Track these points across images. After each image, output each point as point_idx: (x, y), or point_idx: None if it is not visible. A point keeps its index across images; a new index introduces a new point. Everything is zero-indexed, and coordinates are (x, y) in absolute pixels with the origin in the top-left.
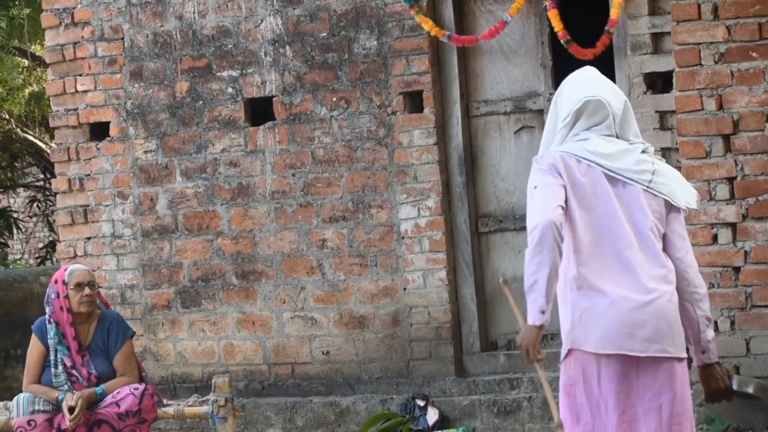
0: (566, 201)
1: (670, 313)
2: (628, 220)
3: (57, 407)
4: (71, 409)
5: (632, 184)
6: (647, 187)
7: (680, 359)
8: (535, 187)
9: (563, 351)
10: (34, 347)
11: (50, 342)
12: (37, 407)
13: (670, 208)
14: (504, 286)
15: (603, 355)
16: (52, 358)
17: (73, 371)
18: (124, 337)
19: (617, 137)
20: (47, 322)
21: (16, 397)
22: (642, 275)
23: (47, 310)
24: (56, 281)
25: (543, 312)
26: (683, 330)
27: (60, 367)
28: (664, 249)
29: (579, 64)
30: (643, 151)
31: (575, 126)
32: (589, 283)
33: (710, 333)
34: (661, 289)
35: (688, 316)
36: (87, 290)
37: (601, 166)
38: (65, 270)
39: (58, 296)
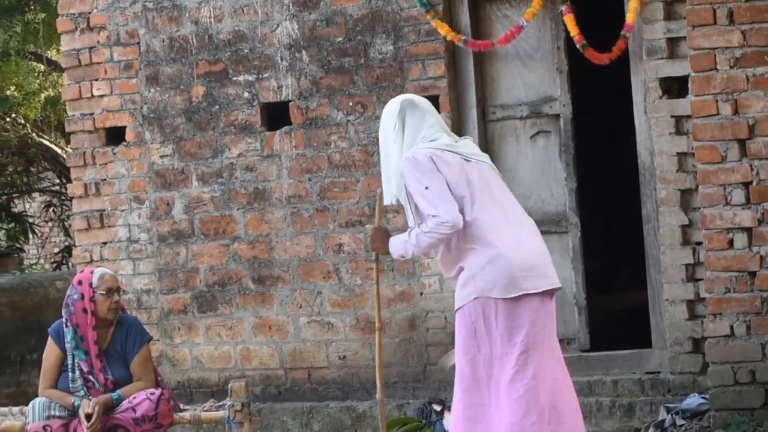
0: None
1: (547, 254)
2: (494, 190)
3: (73, 413)
4: (88, 417)
5: (484, 163)
6: (492, 165)
7: (556, 291)
8: (427, 187)
9: (464, 300)
10: (51, 351)
11: (67, 346)
12: (52, 413)
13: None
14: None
15: (502, 298)
16: (69, 362)
17: (90, 376)
18: (141, 341)
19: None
20: (64, 325)
21: (31, 402)
22: (521, 229)
23: (65, 312)
24: (80, 282)
25: (402, 257)
26: None
27: (77, 372)
28: None
29: (595, 68)
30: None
31: (410, 129)
32: (484, 242)
33: None
34: (537, 237)
35: None
36: (116, 297)
37: (459, 153)
38: (91, 272)
39: (82, 298)
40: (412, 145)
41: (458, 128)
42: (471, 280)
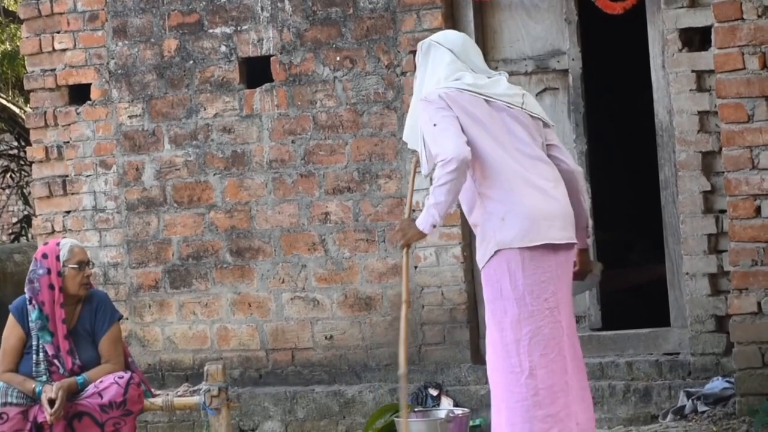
0: (462, 130)
1: (568, 207)
2: (518, 136)
3: (33, 399)
4: (51, 402)
5: (510, 107)
6: (522, 107)
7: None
8: (435, 124)
9: (487, 255)
10: (12, 331)
11: (31, 326)
12: (9, 399)
13: (544, 124)
14: (413, 165)
15: (526, 248)
16: (34, 344)
17: (55, 360)
18: (111, 320)
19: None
20: (28, 303)
21: None
22: (540, 179)
23: (29, 289)
24: (45, 256)
25: (434, 226)
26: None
27: (41, 355)
28: (549, 156)
29: (607, 18)
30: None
31: (429, 70)
32: (503, 192)
33: (590, 222)
34: (559, 188)
35: (579, 206)
36: (88, 270)
37: (482, 94)
38: (57, 244)
39: (48, 273)
40: (428, 86)
41: None
42: (491, 233)
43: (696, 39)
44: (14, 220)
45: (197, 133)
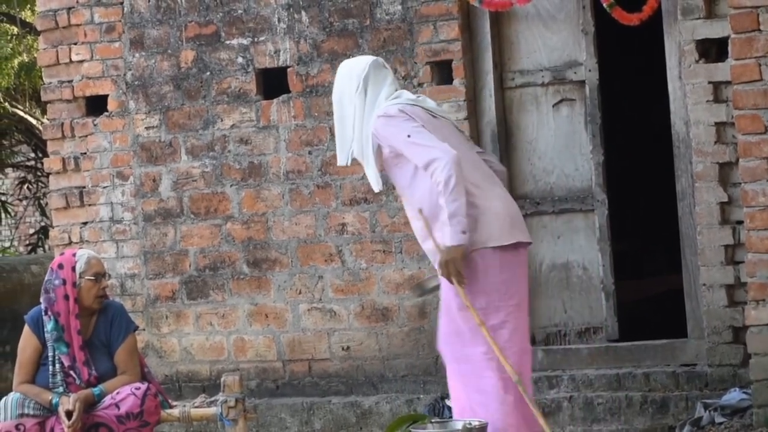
0: None
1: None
2: (463, 143)
3: (49, 410)
4: (69, 414)
5: (446, 118)
6: (453, 121)
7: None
8: (409, 135)
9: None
10: (28, 342)
11: (47, 336)
12: (26, 410)
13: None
14: (420, 214)
15: (499, 248)
16: (49, 355)
17: (71, 372)
18: (127, 331)
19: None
20: (44, 314)
21: (3, 399)
22: (495, 184)
23: (45, 300)
24: (61, 266)
25: (465, 232)
26: None
27: (57, 366)
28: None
29: (623, 29)
30: None
31: (372, 90)
32: (472, 195)
33: None
34: (505, 189)
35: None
36: (104, 282)
37: (424, 108)
38: (73, 255)
39: (63, 284)
40: (374, 104)
41: (473, 96)
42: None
43: (713, 50)
44: (31, 231)
45: (214, 145)
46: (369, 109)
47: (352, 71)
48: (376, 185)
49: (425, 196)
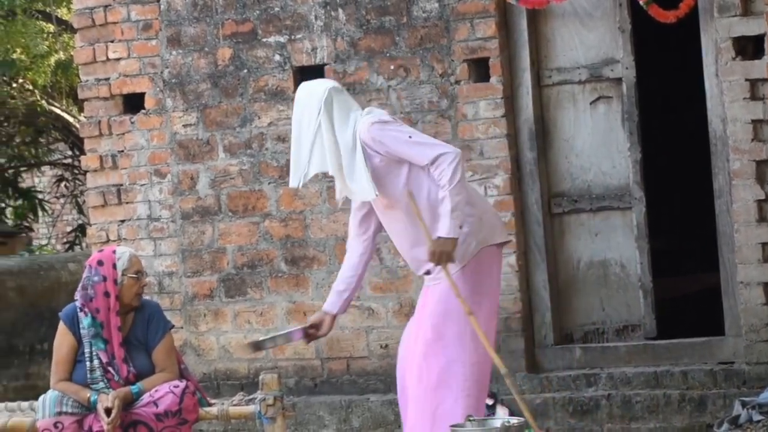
0: None
1: None
2: None
3: (87, 408)
4: (108, 411)
5: None
6: None
7: None
8: (410, 136)
9: (468, 255)
10: (64, 340)
11: (83, 333)
12: (64, 408)
13: None
14: (409, 197)
15: (497, 245)
16: (86, 351)
17: (110, 368)
18: (164, 329)
19: None
20: (79, 310)
21: (41, 397)
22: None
23: (81, 296)
24: (100, 263)
25: (461, 227)
26: None
27: (95, 362)
28: None
29: (660, 27)
30: None
31: (339, 110)
32: (470, 196)
33: None
34: None
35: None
36: (143, 280)
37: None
38: (113, 252)
39: (104, 280)
40: (346, 122)
41: (510, 93)
42: (471, 234)
43: (749, 47)
44: (68, 229)
45: (251, 142)
46: (340, 125)
47: (312, 94)
48: (371, 192)
49: (423, 194)
